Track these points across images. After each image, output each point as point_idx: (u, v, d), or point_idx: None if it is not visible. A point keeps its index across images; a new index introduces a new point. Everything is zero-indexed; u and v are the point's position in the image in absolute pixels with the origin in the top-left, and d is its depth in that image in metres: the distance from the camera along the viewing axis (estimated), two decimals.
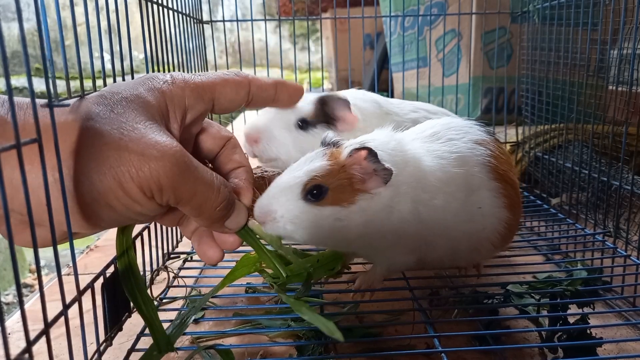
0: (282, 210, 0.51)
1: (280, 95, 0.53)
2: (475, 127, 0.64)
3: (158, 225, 0.70)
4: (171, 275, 0.70)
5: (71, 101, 0.39)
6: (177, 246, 0.81)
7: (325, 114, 0.75)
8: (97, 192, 0.36)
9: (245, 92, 0.49)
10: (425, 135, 0.62)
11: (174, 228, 0.79)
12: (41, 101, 0.35)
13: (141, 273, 0.63)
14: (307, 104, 0.75)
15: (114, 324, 0.53)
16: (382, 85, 1.85)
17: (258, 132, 0.75)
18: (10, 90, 0.29)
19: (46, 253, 0.39)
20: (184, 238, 0.85)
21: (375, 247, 0.57)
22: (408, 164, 0.55)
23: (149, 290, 0.64)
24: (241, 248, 0.78)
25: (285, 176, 0.53)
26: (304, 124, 0.75)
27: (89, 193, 0.36)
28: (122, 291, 0.51)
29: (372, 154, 0.50)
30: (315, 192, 0.51)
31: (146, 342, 0.55)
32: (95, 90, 0.44)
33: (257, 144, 0.75)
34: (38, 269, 0.32)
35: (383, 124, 0.67)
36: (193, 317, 0.56)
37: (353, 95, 0.81)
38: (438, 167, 0.57)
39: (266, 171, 0.78)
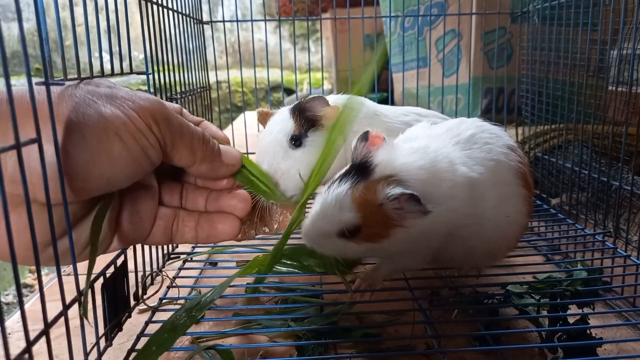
0: (324, 249, 0.54)
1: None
2: (502, 130, 0.65)
3: None
4: (168, 278, 0.69)
5: (68, 83, 0.39)
6: (177, 246, 0.81)
7: (307, 118, 0.72)
8: (103, 123, 0.37)
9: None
10: (463, 140, 0.60)
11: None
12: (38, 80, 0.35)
13: (140, 274, 0.63)
14: (286, 119, 0.73)
15: (114, 324, 0.53)
16: (382, 85, 1.85)
17: (274, 174, 0.70)
18: (10, 90, 0.29)
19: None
20: None
21: (393, 254, 0.58)
22: (456, 186, 0.53)
23: (148, 290, 0.65)
24: (243, 248, 0.78)
25: (317, 218, 0.52)
26: (296, 140, 0.71)
27: (82, 142, 0.36)
28: (122, 291, 0.51)
29: (414, 199, 0.48)
30: (349, 231, 0.51)
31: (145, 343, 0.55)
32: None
33: (279, 186, 0.70)
34: (38, 269, 0.32)
35: (372, 125, 0.66)
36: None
37: (335, 97, 0.80)
38: (479, 177, 0.56)
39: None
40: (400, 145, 0.56)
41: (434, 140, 0.59)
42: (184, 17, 0.85)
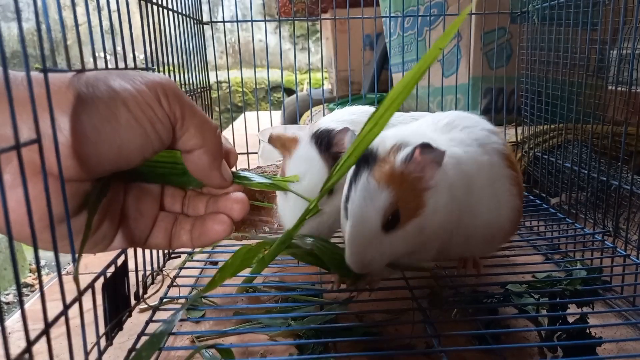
0: (371, 255, 0.51)
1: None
2: (481, 118, 0.67)
3: None
4: (169, 277, 0.70)
5: (70, 74, 0.39)
6: None
7: (334, 153, 0.66)
8: (112, 93, 0.37)
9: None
10: (441, 126, 0.62)
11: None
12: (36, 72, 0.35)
13: (141, 273, 0.63)
14: (317, 164, 0.65)
15: (114, 324, 0.53)
16: (382, 85, 1.85)
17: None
18: (10, 91, 0.29)
19: (46, 253, 0.39)
20: None
21: (434, 235, 0.56)
22: (447, 162, 0.54)
23: (148, 290, 0.65)
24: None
25: (356, 222, 0.51)
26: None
27: (91, 112, 0.37)
28: (123, 291, 0.51)
29: (424, 146, 0.50)
30: (390, 223, 0.51)
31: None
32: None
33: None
34: (38, 269, 0.32)
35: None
36: (191, 318, 0.56)
37: (341, 115, 0.78)
38: (466, 155, 0.57)
39: (265, 171, 0.77)
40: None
41: (416, 128, 0.61)
42: (184, 17, 0.85)
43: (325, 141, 0.67)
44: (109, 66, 0.51)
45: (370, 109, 0.81)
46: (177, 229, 0.49)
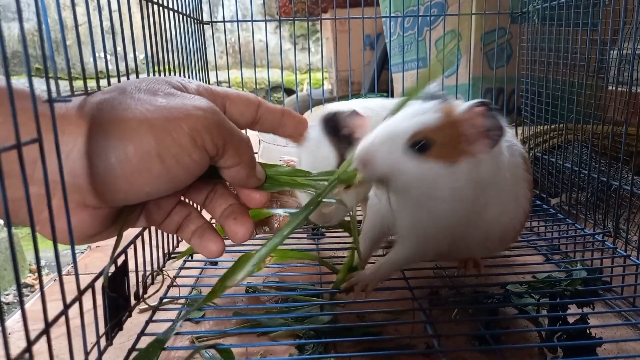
0: (384, 157, 0.50)
1: (287, 122, 0.53)
2: None
3: None
4: (169, 277, 0.70)
5: (75, 99, 0.39)
6: (177, 246, 0.82)
7: (344, 137, 0.67)
8: (145, 147, 0.36)
9: (254, 110, 0.50)
10: None
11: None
12: (41, 96, 0.35)
13: (141, 273, 0.63)
14: (327, 151, 0.67)
15: (114, 324, 0.53)
16: (382, 85, 1.85)
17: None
18: (10, 91, 0.29)
19: (46, 253, 0.39)
20: None
21: (433, 222, 0.55)
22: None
23: (148, 290, 0.65)
24: (243, 247, 0.78)
25: (391, 125, 0.52)
26: None
27: (127, 155, 0.36)
28: (123, 291, 0.51)
29: (490, 109, 0.49)
30: (421, 145, 0.50)
31: (147, 342, 0.55)
32: (99, 89, 0.44)
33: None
34: (38, 269, 0.32)
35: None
36: (192, 318, 0.56)
37: (362, 103, 0.78)
38: (507, 156, 0.57)
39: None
40: None
41: None
42: (185, 17, 0.85)
43: (332, 124, 0.68)
44: (109, 67, 0.51)
45: (384, 100, 0.81)
46: (186, 224, 0.50)
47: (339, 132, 0.66)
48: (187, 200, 0.50)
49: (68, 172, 0.36)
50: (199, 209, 0.51)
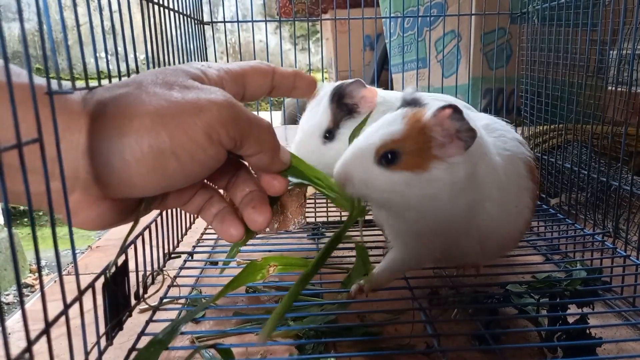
0: (357, 174, 0.51)
1: (299, 83, 0.54)
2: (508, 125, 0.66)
3: (159, 224, 0.71)
4: (169, 277, 0.70)
5: (78, 93, 0.39)
6: (177, 246, 0.82)
7: (345, 105, 0.75)
8: (160, 145, 0.37)
9: (270, 79, 0.51)
10: (481, 125, 0.60)
11: (174, 227, 0.79)
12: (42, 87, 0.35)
13: (141, 273, 0.63)
14: (322, 113, 0.75)
15: (114, 324, 0.53)
16: (382, 86, 1.85)
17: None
18: (11, 91, 0.29)
19: (47, 253, 0.39)
20: (185, 238, 0.85)
21: (417, 230, 0.55)
22: (483, 144, 0.53)
23: (149, 290, 0.65)
24: (243, 247, 0.78)
25: (361, 140, 0.53)
26: (329, 134, 0.74)
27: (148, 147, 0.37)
28: (123, 290, 0.51)
29: (457, 111, 0.48)
30: (389, 156, 0.50)
31: (146, 342, 0.55)
32: (100, 85, 0.43)
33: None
34: (39, 269, 0.32)
35: None
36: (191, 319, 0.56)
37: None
38: (501, 161, 0.56)
39: None
40: None
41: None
42: (185, 17, 0.85)
43: (339, 92, 0.74)
44: (110, 67, 0.51)
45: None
46: (207, 207, 0.51)
47: (342, 99, 0.74)
48: (209, 183, 0.51)
49: (84, 168, 0.36)
50: (221, 192, 0.52)
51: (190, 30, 0.88)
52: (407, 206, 0.52)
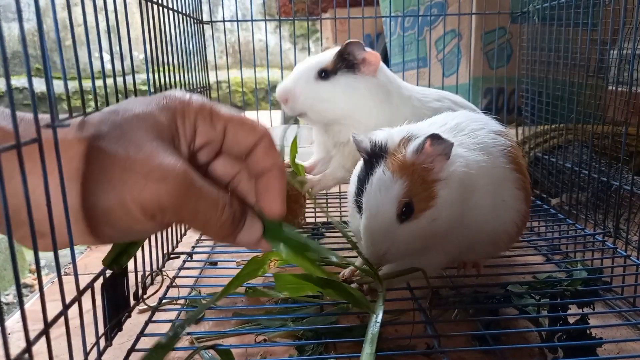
0: (386, 246, 0.53)
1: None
2: (491, 119, 0.67)
3: None
4: (168, 277, 0.69)
5: (72, 121, 0.38)
6: (177, 246, 0.81)
7: (345, 59, 0.79)
8: (100, 209, 0.36)
9: (255, 139, 0.44)
10: (449, 128, 0.62)
11: (173, 228, 0.79)
12: (44, 117, 0.35)
13: (140, 273, 0.63)
14: (328, 55, 0.80)
15: (114, 324, 0.53)
16: None
17: (285, 93, 0.81)
18: (10, 90, 0.29)
19: (46, 253, 0.39)
20: (184, 238, 0.85)
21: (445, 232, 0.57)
22: (456, 154, 0.56)
23: (148, 290, 0.65)
24: (243, 247, 0.78)
25: (372, 213, 0.53)
26: (324, 74, 0.79)
27: (93, 209, 0.36)
28: (122, 291, 0.51)
29: (434, 137, 0.51)
30: (405, 213, 0.52)
31: (146, 342, 0.55)
32: (96, 107, 0.42)
33: (286, 104, 0.82)
34: (38, 269, 0.32)
35: (401, 107, 0.74)
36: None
37: None
38: (473, 160, 0.58)
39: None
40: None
41: (423, 126, 0.62)
42: (184, 17, 0.85)
43: (344, 52, 0.80)
44: (106, 67, 0.50)
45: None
46: None
47: (343, 54, 0.79)
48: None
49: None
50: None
51: (189, 29, 0.88)
52: (437, 237, 0.55)
